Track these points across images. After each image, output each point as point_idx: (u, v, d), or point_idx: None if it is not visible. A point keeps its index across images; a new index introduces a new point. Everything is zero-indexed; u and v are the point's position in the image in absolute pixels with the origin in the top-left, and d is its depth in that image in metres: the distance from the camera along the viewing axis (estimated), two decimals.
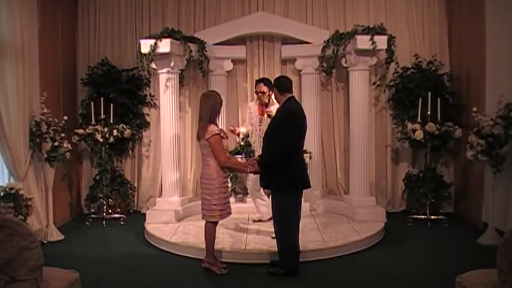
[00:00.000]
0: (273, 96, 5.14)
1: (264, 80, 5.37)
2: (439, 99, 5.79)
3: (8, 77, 4.73)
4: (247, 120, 5.69)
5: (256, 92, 5.35)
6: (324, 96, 6.58)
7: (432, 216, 5.84)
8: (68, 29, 6.46)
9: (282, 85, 4.32)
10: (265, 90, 5.24)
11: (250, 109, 5.64)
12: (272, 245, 4.59)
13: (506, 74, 5.08)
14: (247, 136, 5.78)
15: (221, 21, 6.55)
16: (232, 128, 5.55)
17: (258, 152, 5.31)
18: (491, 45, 5.39)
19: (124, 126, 6.20)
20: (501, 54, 5.19)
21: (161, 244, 5.12)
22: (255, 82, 5.57)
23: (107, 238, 5.49)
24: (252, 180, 5.47)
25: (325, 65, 6.20)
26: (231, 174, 5.78)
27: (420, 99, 5.86)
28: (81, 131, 5.98)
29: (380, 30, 5.75)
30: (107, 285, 4.12)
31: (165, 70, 5.86)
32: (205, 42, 6.06)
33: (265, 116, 5.27)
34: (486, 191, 5.37)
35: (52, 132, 5.21)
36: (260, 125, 5.39)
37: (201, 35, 6.15)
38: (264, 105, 5.35)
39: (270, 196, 5.17)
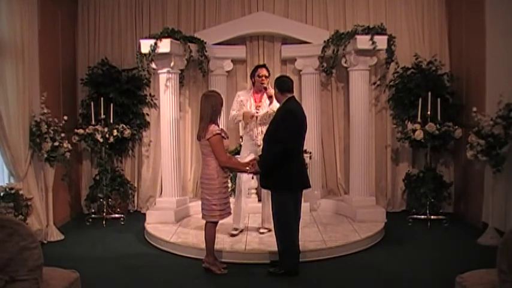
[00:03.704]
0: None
1: (266, 66, 5.31)
2: (439, 99, 5.79)
3: (8, 77, 4.72)
4: (234, 107, 5.29)
5: (259, 76, 5.10)
6: (324, 96, 6.58)
7: (432, 216, 5.84)
8: (68, 29, 6.46)
9: (283, 85, 4.31)
10: (267, 74, 5.15)
11: (240, 97, 5.29)
12: (272, 245, 4.59)
13: (506, 74, 5.08)
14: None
15: (221, 21, 6.55)
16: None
17: (257, 139, 5.15)
18: (491, 45, 5.39)
19: (124, 126, 6.20)
20: (501, 54, 5.19)
21: (161, 244, 5.12)
22: (253, 69, 5.34)
23: (107, 238, 5.50)
24: (241, 179, 5.26)
25: (325, 65, 6.20)
26: (231, 175, 5.77)
27: (420, 99, 5.85)
28: (81, 131, 5.98)
29: (380, 30, 5.75)
30: (107, 285, 4.12)
31: (165, 70, 5.86)
32: (205, 42, 6.06)
33: (264, 100, 5.13)
34: (486, 191, 5.38)
35: (52, 132, 5.20)
36: (257, 112, 5.15)
37: (201, 35, 6.16)
38: (261, 91, 5.16)
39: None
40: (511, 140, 4.89)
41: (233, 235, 5.13)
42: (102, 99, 6.04)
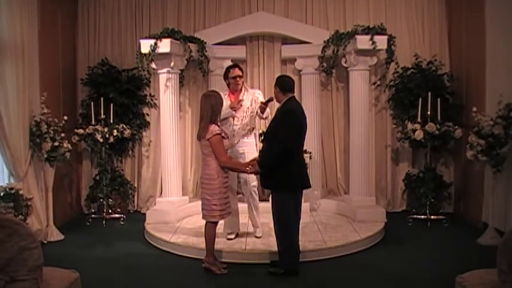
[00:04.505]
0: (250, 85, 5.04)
1: (238, 65, 5.23)
2: (439, 99, 5.79)
3: (8, 77, 4.72)
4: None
5: (233, 78, 5.02)
6: (324, 96, 6.58)
7: (432, 216, 5.84)
8: (68, 29, 6.46)
9: (284, 85, 4.30)
10: (241, 74, 5.07)
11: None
12: (272, 245, 4.59)
13: (506, 74, 5.08)
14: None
15: (221, 21, 6.55)
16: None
17: (237, 145, 5.06)
18: (491, 45, 5.39)
19: (124, 126, 6.20)
20: (501, 54, 5.19)
21: (161, 244, 5.12)
22: (225, 69, 5.22)
23: (107, 238, 5.49)
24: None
25: (325, 65, 6.20)
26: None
27: (420, 99, 5.85)
28: (81, 131, 5.98)
29: (380, 30, 5.75)
30: (107, 285, 4.12)
31: (165, 70, 5.86)
32: (205, 42, 6.06)
33: (242, 99, 5.02)
34: (486, 191, 5.38)
35: (52, 132, 5.20)
36: (236, 111, 5.02)
37: (201, 35, 6.15)
38: (238, 91, 5.08)
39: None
40: (511, 140, 4.89)
41: (229, 239, 5.04)
42: (102, 99, 6.04)
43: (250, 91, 5.15)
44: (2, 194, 4.56)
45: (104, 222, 6.04)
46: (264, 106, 4.89)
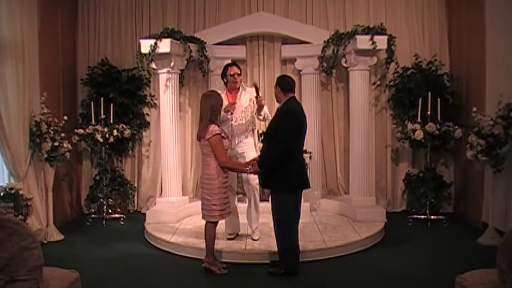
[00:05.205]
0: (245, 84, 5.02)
1: (236, 63, 5.21)
2: (439, 99, 5.79)
3: (8, 77, 4.72)
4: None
5: (231, 75, 4.97)
6: (324, 96, 6.58)
7: (432, 216, 5.84)
8: (68, 29, 6.46)
9: (285, 84, 4.30)
10: (239, 72, 5.02)
11: None
12: (272, 245, 4.59)
13: (506, 74, 5.08)
14: None
15: (221, 21, 6.55)
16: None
17: (236, 146, 5.03)
18: (491, 45, 5.39)
19: (124, 126, 6.20)
20: (501, 54, 5.19)
21: (161, 244, 5.12)
22: (223, 68, 5.16)
23: (107, 238, 5.49)
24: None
25: (325, 65, 6.20)
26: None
27: (420, 99, 5.86)
28: (81, 131, 5.98)
29: (380, 30, 5.75)
30: (107, 285, 4.12)
31: (165, 70, 5.86)
32: (205, 42, 6.06)
33: (239, 99, 4.97)
34: (486, 191, 5.38)
35: (52, 132, 5.21)
36: (232, 113, 4.98)
37: (201, 35, 6.16)
38: (235, 89, 5.03)
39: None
40: (511, 140, 4.90)
41: (229, 239, 5.03)
42: (102, 99, 6.04)
43: (247, 90, 5.11)
44: (2, 194, 4.56)
45: (104, 222, 6.04)
46: (260, 99, 4.83)
